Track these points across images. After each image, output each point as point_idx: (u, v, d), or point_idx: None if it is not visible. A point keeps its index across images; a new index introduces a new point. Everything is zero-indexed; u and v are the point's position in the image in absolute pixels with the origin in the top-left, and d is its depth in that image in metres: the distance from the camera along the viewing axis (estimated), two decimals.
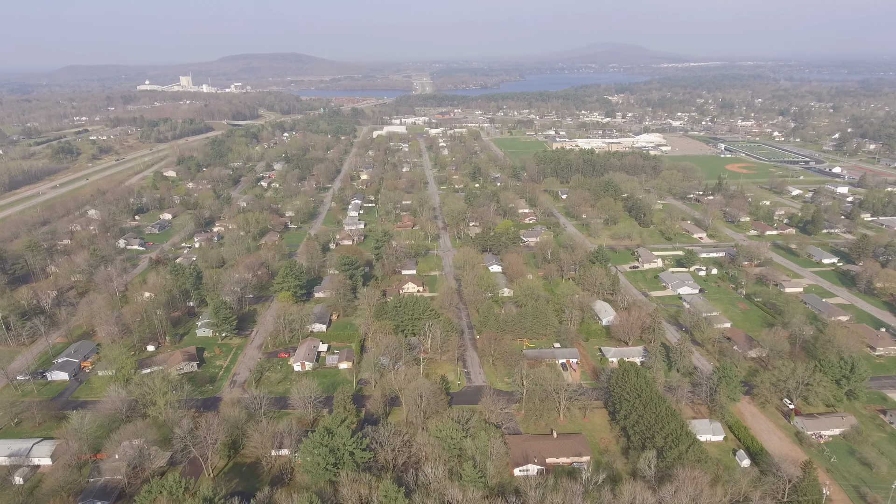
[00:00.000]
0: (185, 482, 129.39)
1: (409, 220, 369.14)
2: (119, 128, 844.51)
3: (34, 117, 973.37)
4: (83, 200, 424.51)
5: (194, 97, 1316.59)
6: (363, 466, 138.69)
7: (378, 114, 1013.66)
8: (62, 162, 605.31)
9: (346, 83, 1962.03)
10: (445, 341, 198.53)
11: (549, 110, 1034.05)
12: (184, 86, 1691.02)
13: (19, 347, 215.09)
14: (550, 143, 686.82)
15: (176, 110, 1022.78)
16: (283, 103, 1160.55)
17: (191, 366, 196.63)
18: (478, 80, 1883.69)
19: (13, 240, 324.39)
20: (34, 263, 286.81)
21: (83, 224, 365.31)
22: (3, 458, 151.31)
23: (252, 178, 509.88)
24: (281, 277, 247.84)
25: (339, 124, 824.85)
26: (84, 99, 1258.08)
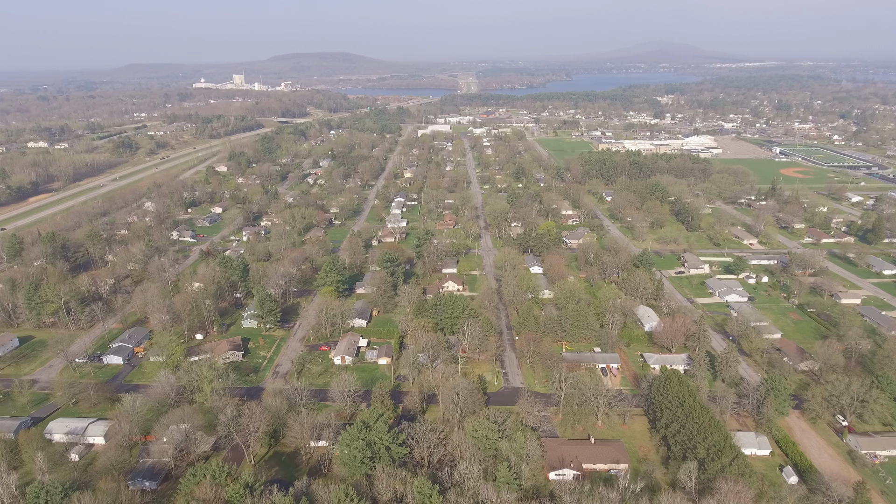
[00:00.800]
0: (227, 468, 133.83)
1: (450, 219, 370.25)
2: (175, 124, 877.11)
3: (97, 113, 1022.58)
4: (140, 193, 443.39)
5: (246, 95, 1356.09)
6: (399, 462, 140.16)
7: (423, 113, 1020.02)
8: (122, 156, 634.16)
9: (392, 82, 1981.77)
10: (484, 341, 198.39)
11: (595, 111, 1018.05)
12: (237, 84, 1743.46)
13: (78, 331, 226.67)
14: (596, 143, 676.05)
15: (229, 107, 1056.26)
16: (330, 101, 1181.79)
17: (236, 355, 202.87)
18: (523, 80, 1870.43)
19: (76, 229, 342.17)
20: (94, 252, 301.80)
21: (140, 216, 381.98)
22: (61, 436, 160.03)
23: (299, 175, 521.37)
24: (324, 272, 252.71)
25: (384, 123, 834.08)
26: (144, 96, 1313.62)
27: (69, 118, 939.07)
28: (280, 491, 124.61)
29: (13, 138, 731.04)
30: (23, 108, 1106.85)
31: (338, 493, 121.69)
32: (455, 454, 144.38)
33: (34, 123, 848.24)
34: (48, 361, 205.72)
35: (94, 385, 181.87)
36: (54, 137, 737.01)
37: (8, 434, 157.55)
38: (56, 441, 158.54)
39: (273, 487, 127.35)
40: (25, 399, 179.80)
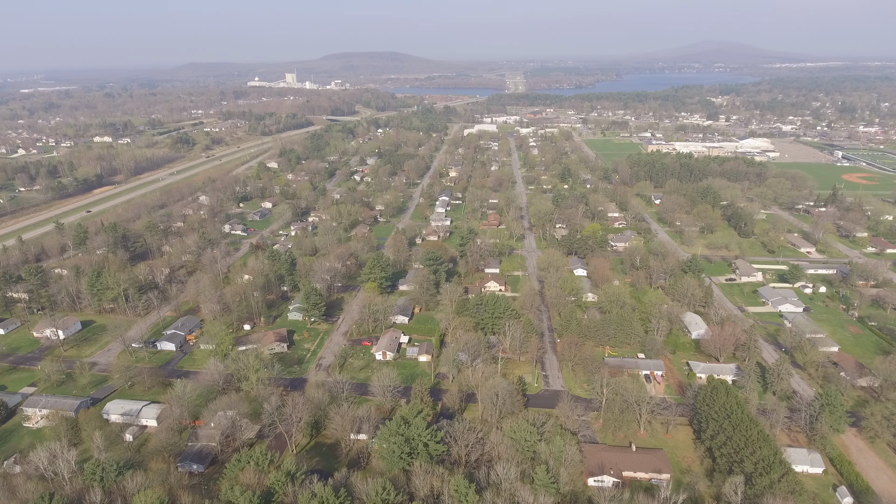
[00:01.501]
0: (270, 455, 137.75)
1: (494, 219, 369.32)
2: (230, 121, 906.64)
3: (158, 110, 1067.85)
4: (196, 187, 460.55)
5: (298, 93, 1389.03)
6: (436, 459, 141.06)
7: (470, 112, 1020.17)
8: (180, 151, 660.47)
9: (439, 81, 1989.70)
10: (525, 342, 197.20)
11: (645, 111, 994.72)
12: (289, 82, 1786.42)
13: (135, 318, 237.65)
14: (645, 145, 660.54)
15: (280, 105, 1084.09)
16: (378, 100, 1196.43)
17: (281, 346, 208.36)
18: (572, 80, 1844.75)
19: (135, 220, 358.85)
20: (152, 242, 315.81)
21: (195, 209, 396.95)
22: (118, 417, 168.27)
23: (346, 172, 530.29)
24: (368, 269, 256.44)
25: (431, 122, 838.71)
26: (201, 94, 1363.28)
27: (132, 114, 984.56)
28: (320, 481, 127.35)
29: (81, 133, 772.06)
30: (90, 104, 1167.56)
31: (375, 486, 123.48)
32: (492, 454, 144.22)
33: (100, 119, 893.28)
34: (107, 345, 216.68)
35: (149, 369, 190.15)
36: (118, 133, 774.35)
37: (69, 413, 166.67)
38: (112, 421, 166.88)
39: (313, 477, 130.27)
40: (86, 380, 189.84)
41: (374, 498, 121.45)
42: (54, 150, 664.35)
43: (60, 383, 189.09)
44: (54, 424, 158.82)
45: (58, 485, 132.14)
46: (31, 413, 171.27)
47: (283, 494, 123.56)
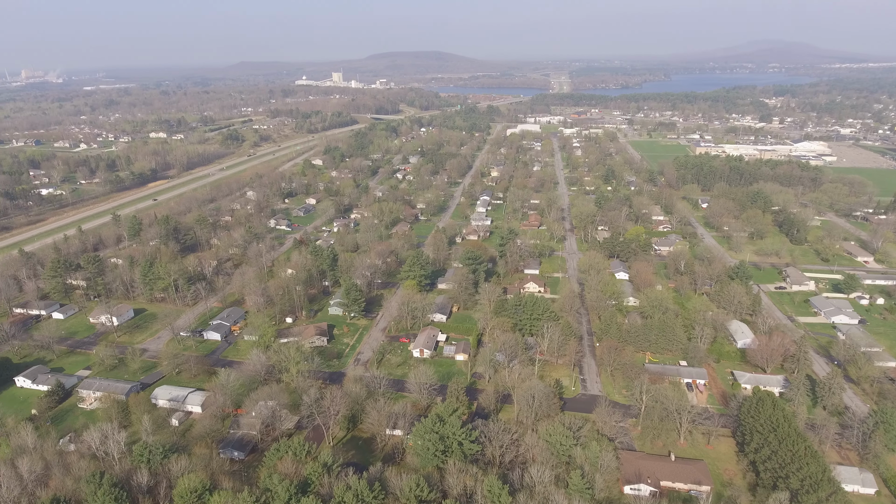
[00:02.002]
0: (308, 446, 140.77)
1: (535, 220, 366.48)
2: (277, 118, 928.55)
3: (210, 107, 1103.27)
4: (244, 182, 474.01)
5: (343, 92, 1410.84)
6: (470, 458, 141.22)
7: (513, 112, 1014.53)
8: (229, 147, 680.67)
9: (483, 81, 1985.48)
10: (563, 345, 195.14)
11: (694, 113, 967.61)
12: (335, 81, 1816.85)
13: (184, 307, 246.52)
14: (693, 147, 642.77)
15: (326, 104, 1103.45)
16: (422, 99, 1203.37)
17: (321, 340, 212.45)
18: (618, 80, 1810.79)
19: (186, 213, 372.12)
20: (201, 235, 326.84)
21: (242, 204, 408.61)
22: (165, 402, 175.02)
23: (389, 170, 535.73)
24: (408, 266, 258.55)
25: (474, 121, 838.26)
26: (251, 92, 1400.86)
27: (186, 111, 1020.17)
28: (355, 474, 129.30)
29: (138, 129, 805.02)
30: (147, 101, 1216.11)
31: (409, 482, 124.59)
32: (527, 456, 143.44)
33: (156, 116, 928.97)
34: (157, 333, 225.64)
35: (195, 358, 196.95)
36: (172, 129, 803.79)
37: (121, 396, 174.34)
38: (160, 406, 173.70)
39: (349, 470, 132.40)
40: (136, 365, 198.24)
41: (407, 494, 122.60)
42: (113, 144, 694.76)
43: (113, 367, 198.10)
44: (106, 406, 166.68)
45: (108, 464, 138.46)
46: (86, 395, 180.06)
47: (320, 485, 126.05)
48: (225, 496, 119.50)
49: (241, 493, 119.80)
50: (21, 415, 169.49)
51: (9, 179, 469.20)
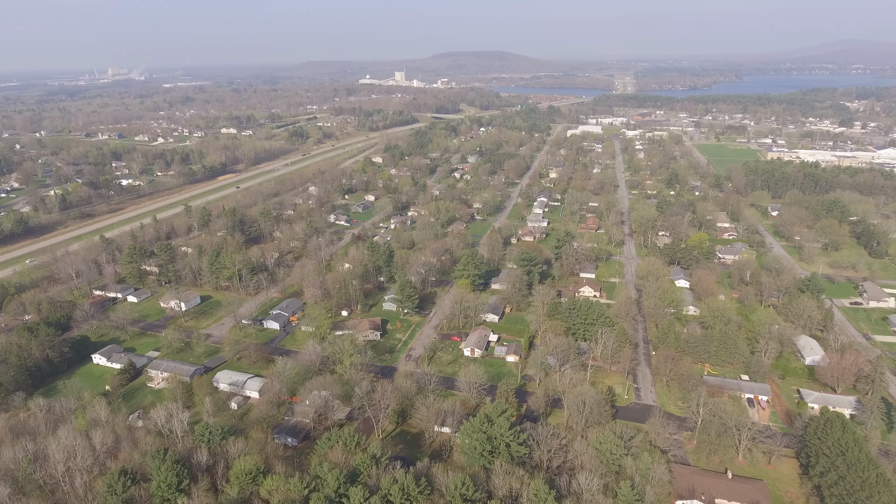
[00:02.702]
0: (358, 437, 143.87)
1: (593, 223, 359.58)
2: (340, 116, 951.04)
3: (277, 104, 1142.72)
4: (306, 178, 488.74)
5: (405, 91, 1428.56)
6: (517, 460, 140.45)
7: (574, 112, 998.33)
8: (294, 144, 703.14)
9: (545, 81, 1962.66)
10: (617, 352, 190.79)
11: (767, 116, 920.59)
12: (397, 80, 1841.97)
13: (246, 296, 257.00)
14: (764, 152, 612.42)
15: (388, 102, 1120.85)
16: (483, 99, 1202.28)
17: (375, 334, 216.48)
18: (686, 81, 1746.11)
19: (252, 206, 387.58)
20: (265, 228, 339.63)
21: (304, 198, 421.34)
22: (225, 386, 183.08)
23: (447, 169, 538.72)
24: (462, 265, 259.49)
25: (534, 121, 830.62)
26: (316, 90, 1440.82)
27: (255, 108, 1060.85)
28: (402, 468, 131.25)
29: (210, 125, 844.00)
30: (220, 98, 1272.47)
31: (455, 480, 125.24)
32: (575, 463, 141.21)
33: (227, 112, 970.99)
34: (221, 320, 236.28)
35: (255, 345, 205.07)
36: (242, 125, 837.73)
37: (185, 378, 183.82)
38: (221, 389, 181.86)
39: (396, 463, 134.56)
40: (201, 349, 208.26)
41: (453, 491, 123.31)
42: (188, 139, 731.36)
43: (180, 350, 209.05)
44: (172, 387, 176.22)
45: (171, 441, 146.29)
46: (154, 375, 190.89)
47: (368, 476, 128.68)
48: (277, 480, 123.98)
49: (293, 479, 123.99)
50: (96, 390, 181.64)
51: (94, 170, 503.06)
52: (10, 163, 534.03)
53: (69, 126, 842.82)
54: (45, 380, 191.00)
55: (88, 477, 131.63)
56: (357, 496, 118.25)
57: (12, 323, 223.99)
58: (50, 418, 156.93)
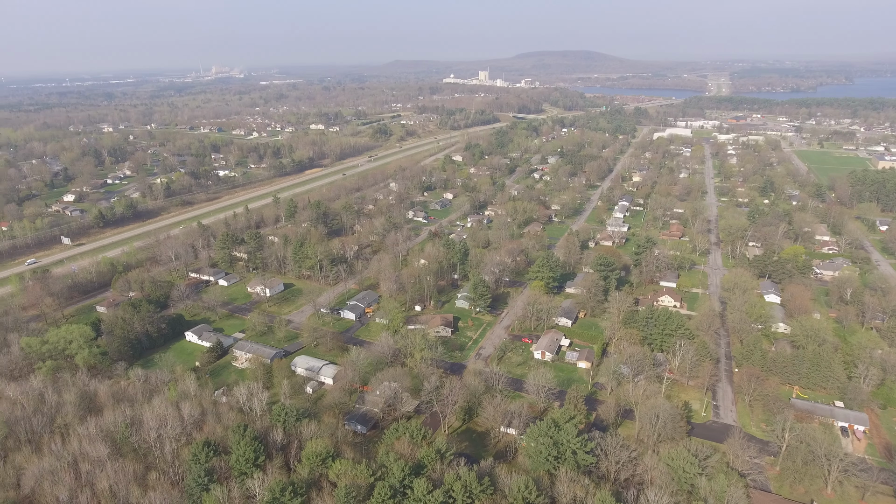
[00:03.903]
0: (424, 431, 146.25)
1: (677, 230, 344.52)
2: (423, 115, 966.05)
3: (364, 102, 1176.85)
4: (387, 174, 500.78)
5: (488, 90, 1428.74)
6: (583, 469, 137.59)
7: (662, 115, 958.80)
8: (378, 140, 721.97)
9: (633, 81, 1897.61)
10: (696, 366, 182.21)
11: (880, 121, 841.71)
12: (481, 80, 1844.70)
13: (326, 286, 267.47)
14: (875, 160, 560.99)
15: (471, 102, 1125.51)
16: (566, 99, 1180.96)
17: (446, 331, 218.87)
18: (787, 83, 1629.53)
19: (335, 200, 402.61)
20: (346, 221, 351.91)
21: (385, 194, 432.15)
22: (302, 370, 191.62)
23: (526, 169, 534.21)
24: (537, 267, 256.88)
25: (618, 123, 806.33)
26: (401, 89, 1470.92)
27: (342, 106, 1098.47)
28: (466, 465, 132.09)
29: (301, 121, 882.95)
30: (311, 96, 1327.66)
31: (519, 482, 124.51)
32: (644, 478, 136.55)
33: (317, 109, 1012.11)
34: (301, 307, 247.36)
35: (332, 333, 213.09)
36: (329, 121, 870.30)
37: (266, 360, 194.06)
38: (298, 373, 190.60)
39: (461, 459, 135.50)
40: (282, 334, 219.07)
41: (515, 493, 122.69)
42: (279, 134, 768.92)
43: (262, 333, 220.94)
44: (254, 368, 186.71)
45: (251, 418, 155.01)
46: (239, 355, 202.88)
47: (432, 470, 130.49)
48: (345, 465, 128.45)
49: (360, 465, 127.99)
50: (187, 365, 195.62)
51: (195, 161, 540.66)
52: (124, 152, 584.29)
53: (176, 120, 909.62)
54: (144, 352, 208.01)
55: (176, 445, 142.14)
56: (420, 488, 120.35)
57: (119, 298, 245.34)
58: (146, 388, 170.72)
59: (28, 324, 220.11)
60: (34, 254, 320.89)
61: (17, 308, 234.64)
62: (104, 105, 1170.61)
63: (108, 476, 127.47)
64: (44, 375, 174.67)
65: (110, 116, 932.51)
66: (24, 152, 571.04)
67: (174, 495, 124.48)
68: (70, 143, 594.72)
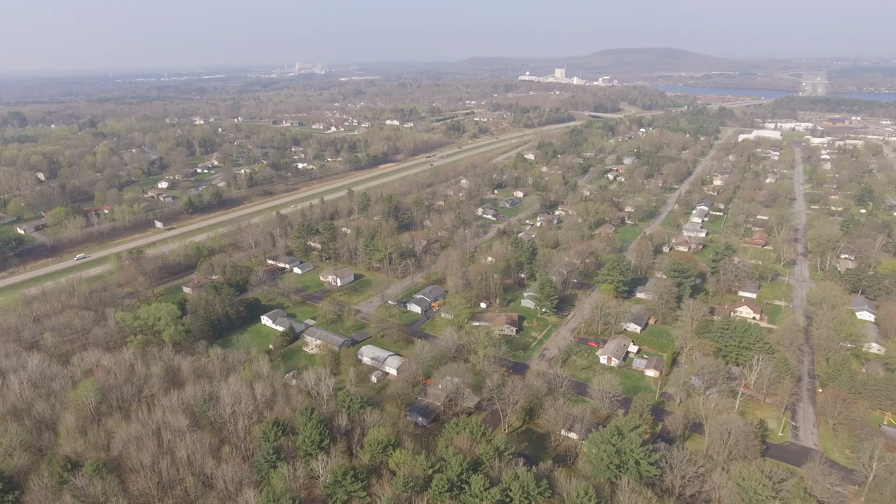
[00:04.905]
0: (484, 428, 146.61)
1: (760, 238, 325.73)
2: (497, 112, 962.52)
3: (438, 99, 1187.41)
4: (459, 171, 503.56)
5: (564, 88, 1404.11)
6: (646, 480, 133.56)
7: (749, 116, 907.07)
8: (450, 137, 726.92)
9: (718, 80, 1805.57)
10: (775, 383, 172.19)
11: None
12: (557, 77, 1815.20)
13: (394, 279, 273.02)
14: None
15: (546, 100, 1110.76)
16: (645, 98, 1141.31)
17: (510, 330, 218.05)
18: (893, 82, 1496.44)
19: (406, 195, 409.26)
20: (416, 216, 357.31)
21: (455, 190, 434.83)
22: (368, 360, 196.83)
23: (600, 170, 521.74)
24: (607, 269, 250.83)
25: (700, 123, 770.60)
26: (476, 86, 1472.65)
27: (417, 102, 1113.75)
28: (525, 465, 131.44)
29: (377, 116, 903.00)
30: (387, 92, 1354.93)
31: (578, 487, 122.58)
32: (712, 496, 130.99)
33: (392, 105, 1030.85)
34: (370, 298, 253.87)
35: (398, 325, 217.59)
36: (404, 117, 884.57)
37: (335, 347, 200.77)
38: (364, 362, 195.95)
39: (519, 459, 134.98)
40: (350, 323, 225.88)
41: (574, 499, 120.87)
42: (356, 129, 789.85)
43: (332, 321, 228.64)
44: (323, 354, 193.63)
45: (318, 402, 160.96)
46: (310, 341, 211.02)
47: (490, 467, 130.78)
48: (405, 454, 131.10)
49: (419, 456, 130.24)
50: (261, 347, 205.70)
51: (277, 153, 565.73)
52: (213, 144, 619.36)
53: (260, 113, 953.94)
54: (223, 333, 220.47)
55: (248, 421, 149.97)
56: (478, 484, 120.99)
57: (203, 281, 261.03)
58: (224, 366, 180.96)
59: (123, 300, 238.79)
60: (131, 236, 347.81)
61: (114, 285, 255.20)
62: (197, 99, 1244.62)
63: (187, 445, 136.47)
64: (134, 348, 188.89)
65: (202, 110, 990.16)
66: (125, 141, 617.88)
67: (244, 469, 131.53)
68: (166, 134, 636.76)
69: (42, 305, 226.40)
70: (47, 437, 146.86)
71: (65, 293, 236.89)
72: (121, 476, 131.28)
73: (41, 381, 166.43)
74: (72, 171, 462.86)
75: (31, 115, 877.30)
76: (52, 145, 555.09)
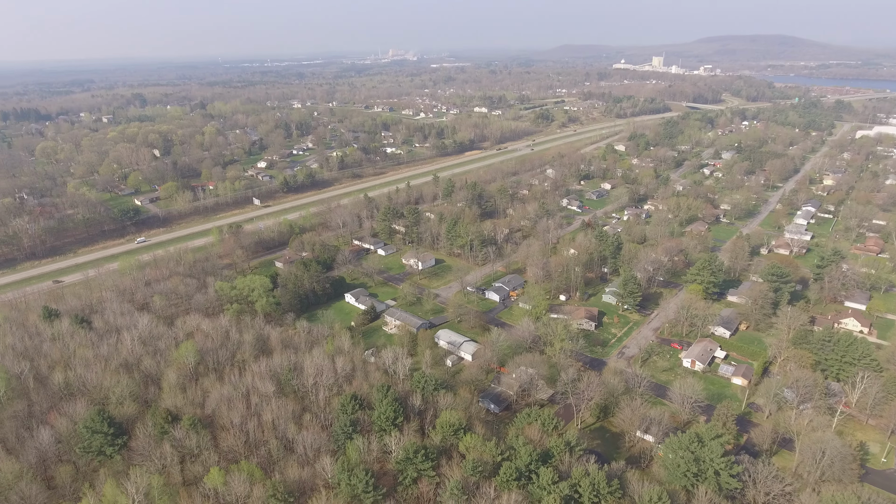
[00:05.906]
0: (556, 421, 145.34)
1: (874, 244, 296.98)
2: (588, 101, 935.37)
3: (528, 87, 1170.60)
4: (545, 160, 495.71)
5: (661, 77, 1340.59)
6: (726, 492, 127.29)
7: (871, 110, 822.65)
8: (539, 126, 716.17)
9: (836, 70, 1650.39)
10: (882, 403, 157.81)
11: None
12: (654, 66, 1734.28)
13: (474, 265, 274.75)
14: None
15: (641, 89, 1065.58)
16: (751, 89, 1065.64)
17: (589, 324, 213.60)
18: None
19: (491, 182, 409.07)
20: (500, 204, 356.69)
21: (540, 180, 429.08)
22: (444, 343, 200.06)
23: (695, 164, 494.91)
24: (696, 269, 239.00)
25: (812, 117, 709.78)
26: (568, 74, 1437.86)
27: (507, 90, 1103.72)
28: (596, 463, 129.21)
29: (465, 103, 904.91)
30: (477, 79, 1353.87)
31: (651, 492, 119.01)
32: None
33: (482, 92, 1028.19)
34: (449, 283, 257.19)
35: (475, 312, 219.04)
36: (493, 105, 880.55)
37: (413, 329, 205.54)
38: (440, 346, 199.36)
39: (590, 457, 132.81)
40: (429, 306, 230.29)
41: (646, 503, 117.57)
42: (444, 115, 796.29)
43: (412, 304, 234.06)
44: (401, 335, 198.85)
45: (394, 381, 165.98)
46: (389, 321, 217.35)
47: (559, 461, 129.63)
48: (475, 440, 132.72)
49: (489, 443, 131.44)
50: (344, 323, 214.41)
51: (367, 138, 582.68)
52: (308, 127, 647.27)
53: (353, 98, 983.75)
54: (310, 307, 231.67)
55: (329, 393, 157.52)
56: (546, 476, 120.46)
57: (293, 257, 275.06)
58: (309, 339, 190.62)
59: (222, 270, 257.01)
60: (231, 211, 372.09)
61: (215, 256, 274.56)
62: (295, 84, 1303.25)
63: (273, 410, 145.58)
64: (230, 316, 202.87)
65: (300, 94, 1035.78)
66: (230, 123, 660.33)
67: (323, 437, 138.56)
68: (266, 117, 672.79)
69: (153, 271, 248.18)
70: (152, 391, 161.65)
71: (172, 261, 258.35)
72: (213, 432, 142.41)
73: (149, 339, 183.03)
74: (183, 149, 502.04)
75: (150, 96, 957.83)
76: (167, 125, 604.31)
